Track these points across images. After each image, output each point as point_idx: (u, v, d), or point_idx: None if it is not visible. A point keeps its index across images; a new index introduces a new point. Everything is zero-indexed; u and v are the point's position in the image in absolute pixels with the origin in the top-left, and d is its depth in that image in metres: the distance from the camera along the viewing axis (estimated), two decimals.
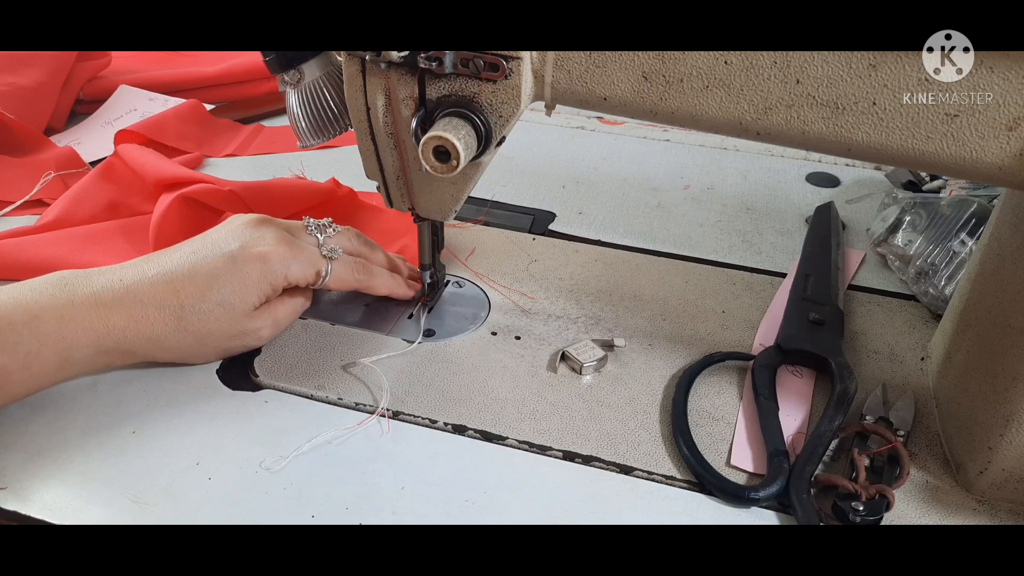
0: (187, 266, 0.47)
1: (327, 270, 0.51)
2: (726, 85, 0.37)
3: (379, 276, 0.54)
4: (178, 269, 0.47)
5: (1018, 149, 0.35)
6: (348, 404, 0.48)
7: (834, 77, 0.36)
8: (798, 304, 0.56)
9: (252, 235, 0.49)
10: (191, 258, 0.48)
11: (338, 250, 0.52)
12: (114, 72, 0.90)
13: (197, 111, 0.82)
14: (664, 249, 0.65)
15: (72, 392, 0.48)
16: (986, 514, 0.43)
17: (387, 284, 0.55)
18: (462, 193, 0.46)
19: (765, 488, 0.42)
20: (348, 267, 0.52)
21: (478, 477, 0.44)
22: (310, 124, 0.48)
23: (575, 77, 0.40)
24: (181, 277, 0.46)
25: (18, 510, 0.41)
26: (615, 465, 0.45)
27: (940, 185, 0.65)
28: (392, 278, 0.55)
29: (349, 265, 0.52)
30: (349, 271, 0.52)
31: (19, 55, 0.79)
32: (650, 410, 0.49)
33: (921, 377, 0.52)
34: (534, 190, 0.73)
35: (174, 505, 0.42)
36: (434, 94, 0.41)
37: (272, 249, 0.49)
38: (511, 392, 0.49)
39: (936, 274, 0.57)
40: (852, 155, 0.38)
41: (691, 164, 0.80)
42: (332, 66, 0.47)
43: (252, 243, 0.48)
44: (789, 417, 0.48)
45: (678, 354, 0.53)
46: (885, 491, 0.42)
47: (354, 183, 0.73)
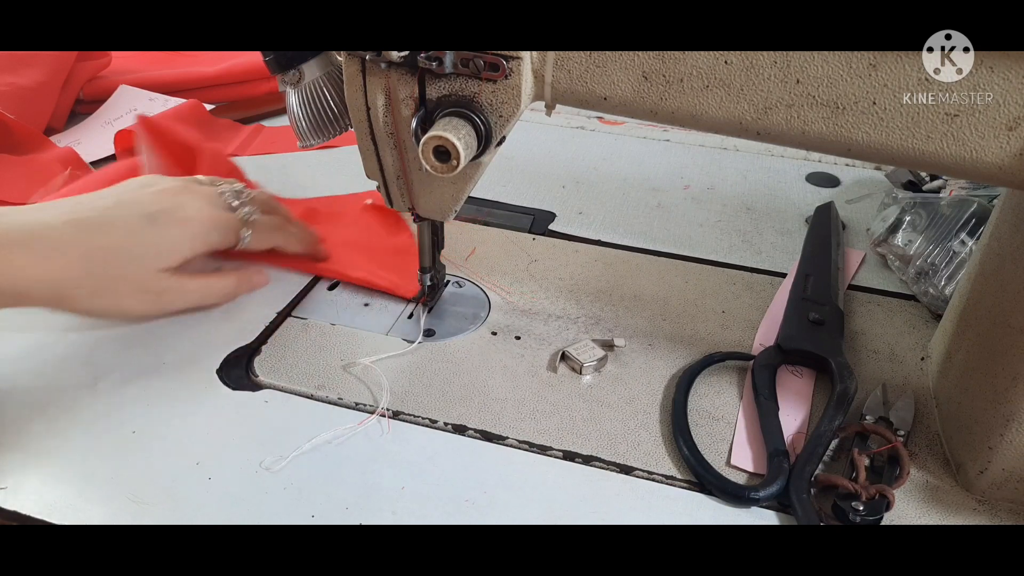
0: (105, 218, 0.47)
1: (246, 236, 0.54)
2: (726, 85, 0.37)
3: (293, 236, 0.58)
4: (94, 218, 0.47)
5: (1018, 149, 0.35)
6: (348, 404, 0.48)
7: (834, 77, 0.36)
8: (798, 304, 0.56)
9: (172, 200, 0.50)
10: (110, 211, 0.48)
11: (255, 212, 0.55)
12: (114, 72, 0.90)
13: (197, 111, 0.82)
14: (664, 249, 0.65)
15: (72, 392, 0.48)
16: (986, 514, 0.43)
17: (302, 242, 0.58)
18: (462, 193, 0.46)
19: (765, 488, 0.42)
20: (265, 230, 0.56)
21: (478, 477, 0.44)
22: (310, 124, 0.48)
23: (575, 77, 0.40)
24: (95, 227, 0.47)
25: (18, 510, 0.41)
26: (615, 465, 0.45)
27: (940, 185, 0.65)
28: (310, 235, 0.59)
29: (267, 228, 0.56)
30: (266, 234, 0.56)
31: (19, 55, 0.79)
32: (650, 410, 0.49)
33: (921, 377, 0.52)
34: (534, 190, 0.73)
35: (174, 505, 0.42)
36: (434, 94, 0.41)
37: (195, 215, 0.51)
38: (511, 392, 0.49)
39: (936, 274, 0.57)
40: (852, 155, 0.38)
41: (691, 164, 0.80)
42: (332, 66, 0.47)
43: (174, 208, 0.50)
44: (789, 417, 0.48)
45: (678, 354, 0.53)
46: (885, 491, 0.42)
47: (354, 183, 0.73)
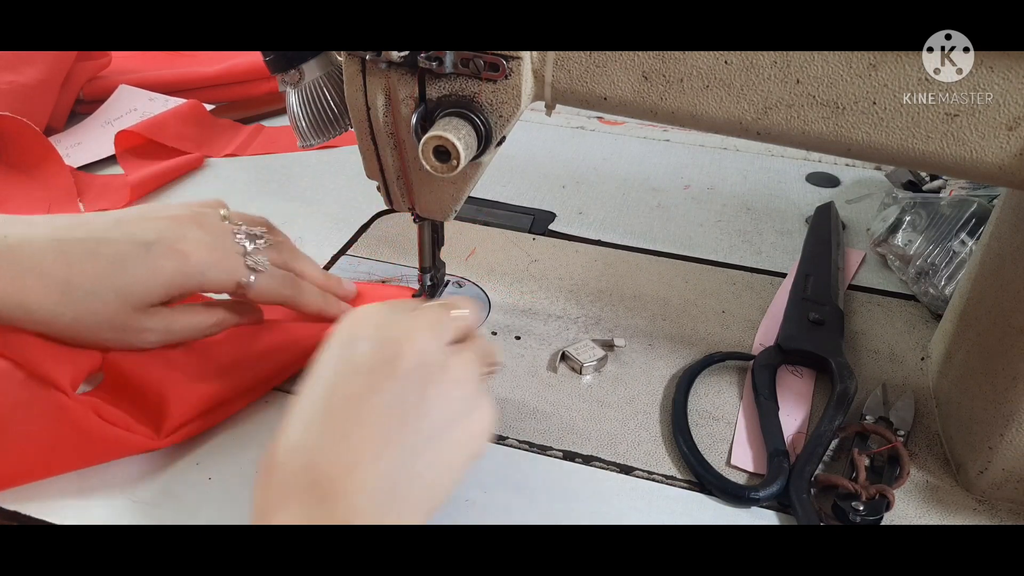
0: (90, 241, 0.43)
1: (249, 281, 0.47)
2: (726, 85, 0.37)
3: (307, 293, 0.50)
4: (77, 241, 0.43)
5: (1018, 149, 0.35)
6: None
7: (834, 77, 0.36)
8: (798, 304, 0.56)
9: (174, 231, 0.45)
10: (103, 234, 0.43)
11: (265, 262, 0.47)
12: (114, 72, 0.90)
13: (197, 111, 0.82)
14: (664, 249, 0.65)
15: None
16: (986, 514, 0.43)
17: (316, 302, 0.51)
18: (462, 193, 0.46)
19: (765, 488, 0.42)
20: (274, 281, 0.48)
21: (478, 477, 0.44)
22: (310, 124, 0.48)
23: (575, 77, 0.40)
24: (79, 251, 0.42)
25: (18, 510, 0.41)
26: (615, 465, 0.45)
27: (940, 185, 0.65)
28: (323, 297, 0.51)
29: (275, 279, 0.48)
30: (275, 286, 0.48)
31: (19, 52, 0.79)
32: (650, 410, 0.49)
33: (921, 377, 0.52)
34: (534, 190, 0.73)
35: (174, 505, 0.42)
36: (434, 94, 0.41)
37: (193, 249, 0.44)
38: (511, 392, 0.49)
39: (936, 274, 0.57)
40: (852, 155, 0.38)
41: (691, 164, 0.80)
42: (332, 66, 0.47)
43: (173, 239, 0.44)
44: (789, 417, 0.48)
45: (678, 354, 0.53)
46: (885, 491, 0.42)
47: (354, 183, 0.73)
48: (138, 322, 0.44)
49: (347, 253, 0.64)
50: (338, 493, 0.32)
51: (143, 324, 0.44)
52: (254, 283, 0.47)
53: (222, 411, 0.46)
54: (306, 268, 0.52)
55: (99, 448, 0.42)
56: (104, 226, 0.44)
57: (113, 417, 0.43)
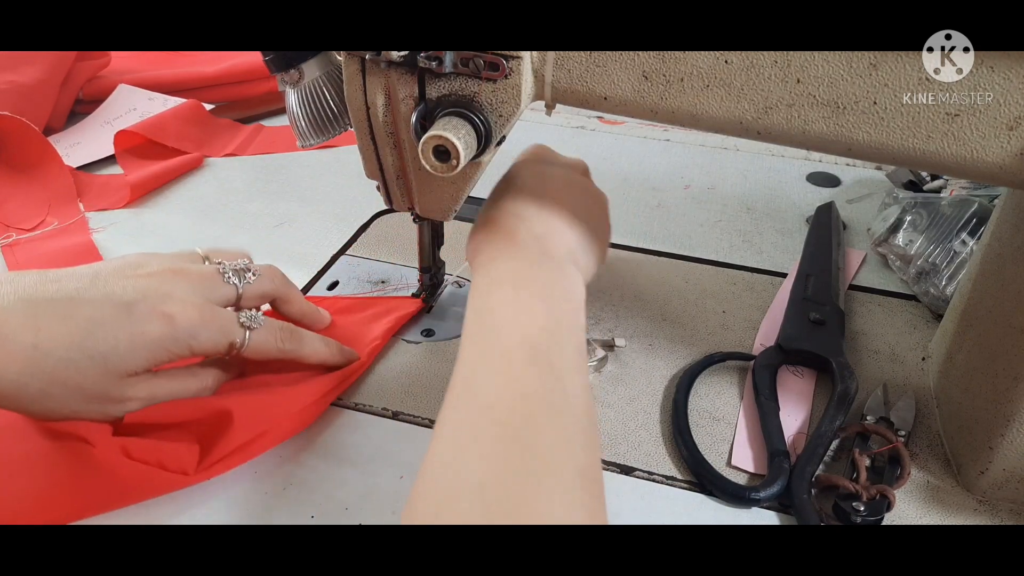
0: (62, 301, 0.38)
1: (244, 340, 0.43)
2: (726, 84, 0.37)
3: (309, 343, 0.47)
4: (48, 302, 0.38)
5: (1019, 149, 0.35)
6: (348, 404, 0.48)
7: (835, 77, 0.36)
8: (799, 304, 0.56)
9: (158, 289, 0.41)
10: (78, 292, 0.39)
11: (259, 317, 0.44)
12: (114, 72, 0.90)
13: (197, 111, 0.82)
14: (664, 249, 0.65)
15: None
16: (987, 514, 0.43)
17: (319, 352, 0.47)
18: (462, 193, 0.46)
19: (766, 488, 0.42)
20: (271, 336, 0.44)
21: None
22: (310, 124, 0.48)
23: (575, 77, 0.40)
24: (50, 314, 0.38)
25: None
26: (615, 465, 0.45)
27: (941, 185, 0.65)
28: (325, 344, 0.48)
29: (273, 333, 0.45)
30: (272, 341, 0.44)
31: (19, 52, 0.79)
32: (650, 410, 0.49)
33: (922, 377, 0.52)
34: None
35: (174, 505, 0.42)
36: (434, 93, 0.41)
37: (180, 310, 0.40)
38: None
39: (937, 274, 0.57)
40: (853, 154, 0.38)
41: (691, 164, 0.80)
42: (332, 66, 0.47)
43: (158, 299, 0.40)
44: (790, 417, 0.48)
45: (678, 354, 0.53)
46: (886, 491, 0.42)
47: (354, 183, 0.73)
48: (119, 391, 0.40)
49: (347, 253, 0.64)
50: (548, 249, 0.42)
51: (124, 393, 0.40)
52: (249, 342, 0.44)
53: (260, 444, 0.43)
54: (292, 295, 0.49)
55: (132, 489, 0.41)
56: (78, 284, 0.40)
57: (143, 453, 0.40)
